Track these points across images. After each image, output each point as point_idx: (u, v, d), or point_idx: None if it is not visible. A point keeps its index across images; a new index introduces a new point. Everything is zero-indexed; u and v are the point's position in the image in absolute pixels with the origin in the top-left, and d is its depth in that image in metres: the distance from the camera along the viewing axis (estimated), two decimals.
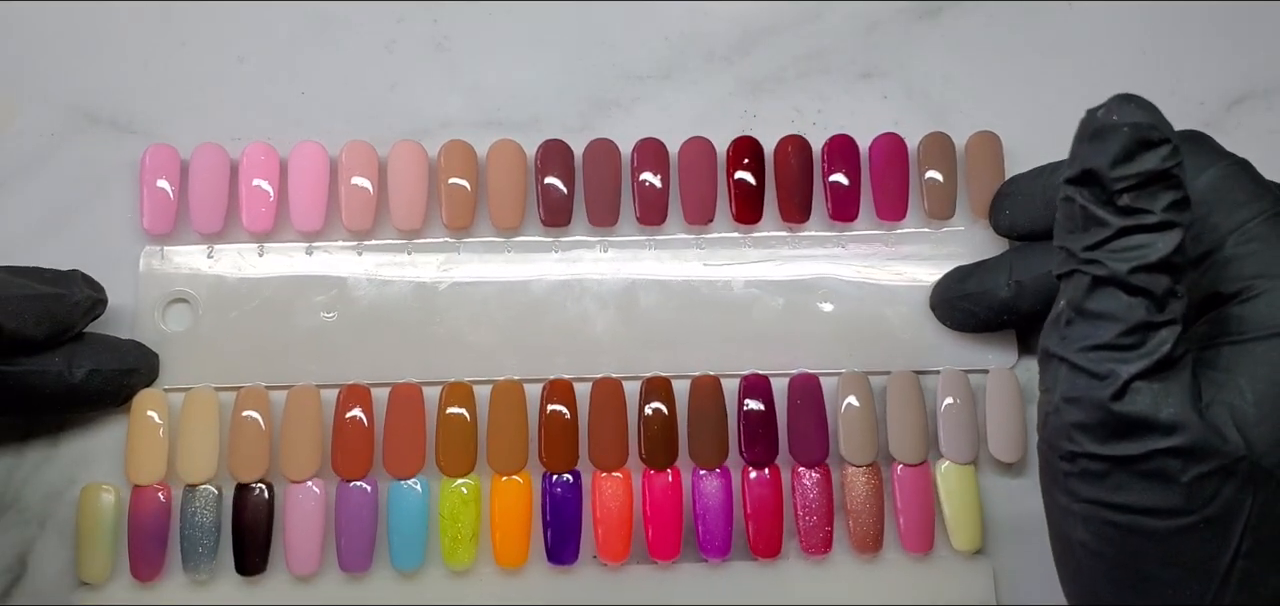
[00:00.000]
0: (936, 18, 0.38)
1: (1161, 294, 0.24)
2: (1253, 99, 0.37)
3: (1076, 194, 0.24)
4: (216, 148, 0.35)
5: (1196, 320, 0.27)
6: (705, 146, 0.36)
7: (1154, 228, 0.24)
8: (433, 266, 0.35)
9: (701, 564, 0.33)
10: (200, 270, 0.35)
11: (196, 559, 0.32)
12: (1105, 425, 0.24)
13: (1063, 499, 0.26)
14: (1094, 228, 0.24)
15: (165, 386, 0.34)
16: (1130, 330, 0.24)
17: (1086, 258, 0.24)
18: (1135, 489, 0.24)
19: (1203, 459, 0.24)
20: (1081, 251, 0.24)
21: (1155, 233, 0.24)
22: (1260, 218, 0.26)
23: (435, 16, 0.38)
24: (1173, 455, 0.24)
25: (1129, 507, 0.24)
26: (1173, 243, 0.24)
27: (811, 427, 0.34)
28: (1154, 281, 0.24)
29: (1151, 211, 0.24)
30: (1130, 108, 0.24)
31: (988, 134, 0.36)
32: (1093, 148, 0.24)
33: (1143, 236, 0.24)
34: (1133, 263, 0.24)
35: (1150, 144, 0.24)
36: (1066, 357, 0.25)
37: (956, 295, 0.34)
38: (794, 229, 0.36)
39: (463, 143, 0.35)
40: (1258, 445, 0.24)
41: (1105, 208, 0.24)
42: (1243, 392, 0.24)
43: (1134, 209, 0.24)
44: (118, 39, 0.37)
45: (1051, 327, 0.26)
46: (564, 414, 0.33)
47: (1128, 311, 0.24)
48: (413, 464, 0.33)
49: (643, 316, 0.35)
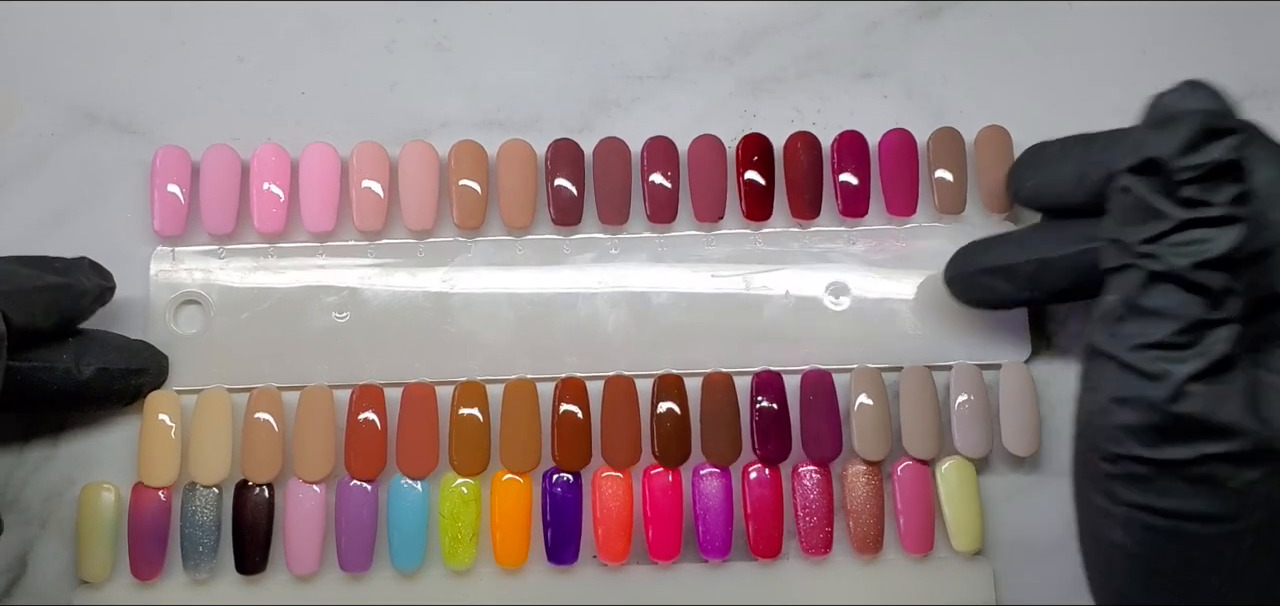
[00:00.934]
0: (936, 18, 0.38)
1: (1220, 291, 0.23)
2: (1253, 99, 0.37)
3: (1136, 184, 0.23)
4: (227, 149, 0.35)
5: (1250, 320, 0.25)
6: (714, 144, 0.36)
7: (1216, 221, 0.23)
8: (444, 266, 0.35)
9: (701, 564, 0.33)
10: (211, 271, 0.35)
11: (196, 558, 0.32)
12: (1156, 427, 0.23)
13: (1101, 501, 0.25)
14: (1153, 220, 0.23)
15: (177, 388, 0.34)
16: (1186, 328, 0.23)
17: (1143, 251, 0.23)
18: (1183, 494, 0.23)
19: (1256, 464, 0.23)
20: (1138, 245, 0.23)
21: (1217, 227, 0.23)
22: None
23: (435, 16, 0.38)
24: (1226, 460, 0.23)
25: (1175, 513, 0.23)
26: (1235, 238, 0.23)
27: (824, 424, 0.34)
28: (1213, 278, 0.23)
29: (1214, 204, 0.23)
30: (1200, 94, 0.23)
31: (997, 128, 0.36)
32: (1159, 136, 0.23)
33: (1204, 230, 0.23)
34: (1194, 257, 0.23)
35: (1217, 133, 0.23)
36: (1116, 356, 0.24)
37: (976, 268, 0.32)
38: (804, 225, 0.36)
39: (473, 143, 0.35)
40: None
41: (1167, 199, 0.23)
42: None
43: (1197, 201, 0.23)
44: (118, 39, 0.37)
45: (1100, 324, 0.24)
46: (577, 414, 0.33)
47: (1184, 308, 0.23)
48: (426, 464, 0.33)
49: (654, 314, 0.35)
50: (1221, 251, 0.23)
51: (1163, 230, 0.23)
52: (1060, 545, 0.34)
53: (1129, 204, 0.24)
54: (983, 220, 0.36)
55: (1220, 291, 0.23)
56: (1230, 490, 0.23)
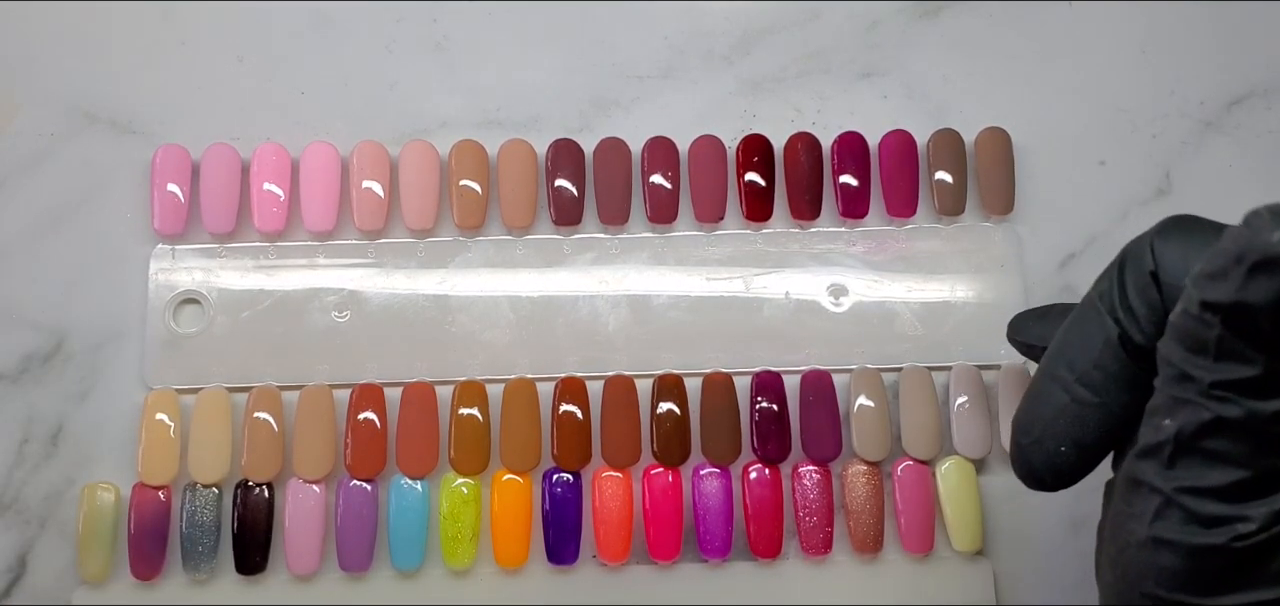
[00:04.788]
0: (936, 17, 0.38)
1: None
2: (1253, 99, 0.37)
3: (1216, 322, 0.20)
4: (228, 148, 0.35)
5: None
6: (715, 145, 0.36)
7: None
8: (445, 266, 0.35)
9: (701, 564, 0.33)
10: (212, 271, 0.35)
11: (196, 558, 0.32)
12: (1206, 574, 0.21)
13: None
14: (1231, 363, 0.20)
15: (177, 387, 0.34)
16: (1255, 479, 0.20)
17: (1218, 395, 0.20)
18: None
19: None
20: (1209, 384, 0.20)
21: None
22: None
23: (435, 16, 0.38)
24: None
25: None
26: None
27: (824, 424, 0.34)
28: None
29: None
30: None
31: (997, 130, 0.36)
32: (1253, 282, 0.19)
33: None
34: (1276, 408, 0.20)
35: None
36: (1167, 494, 0.21)
37: (1019, 340, 0.30)
38: (804, 226, 0.36)
39: (474, 143, 0.35)
40: None
41: (1253, 343, 0.20)
42: None
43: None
44: (118, 39, 0.37)
45: (1149, 456, 0.22)
46: (577, 414, 0.33)
47: (1253, 458, 0.20)
48: (426, 463, 0.33)
49: (654, 315, 0.35)
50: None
51: (1244, 377, 0.20)
52: (1060, 545, 0.34)
53: (1204, 337, 0.20)
54: (982, 222, 0.36)
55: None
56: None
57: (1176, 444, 0.21)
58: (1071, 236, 0.36)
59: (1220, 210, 0.36)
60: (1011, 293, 0.35)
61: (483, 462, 0.33)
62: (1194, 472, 0.21)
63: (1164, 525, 0.21)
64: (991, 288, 0.35)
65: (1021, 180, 0.36)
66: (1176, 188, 0.37)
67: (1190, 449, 0.21)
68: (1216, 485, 0.21)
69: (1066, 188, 0.36)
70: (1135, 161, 0.37)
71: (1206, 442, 0.21)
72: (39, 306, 0.35)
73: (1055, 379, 0.25)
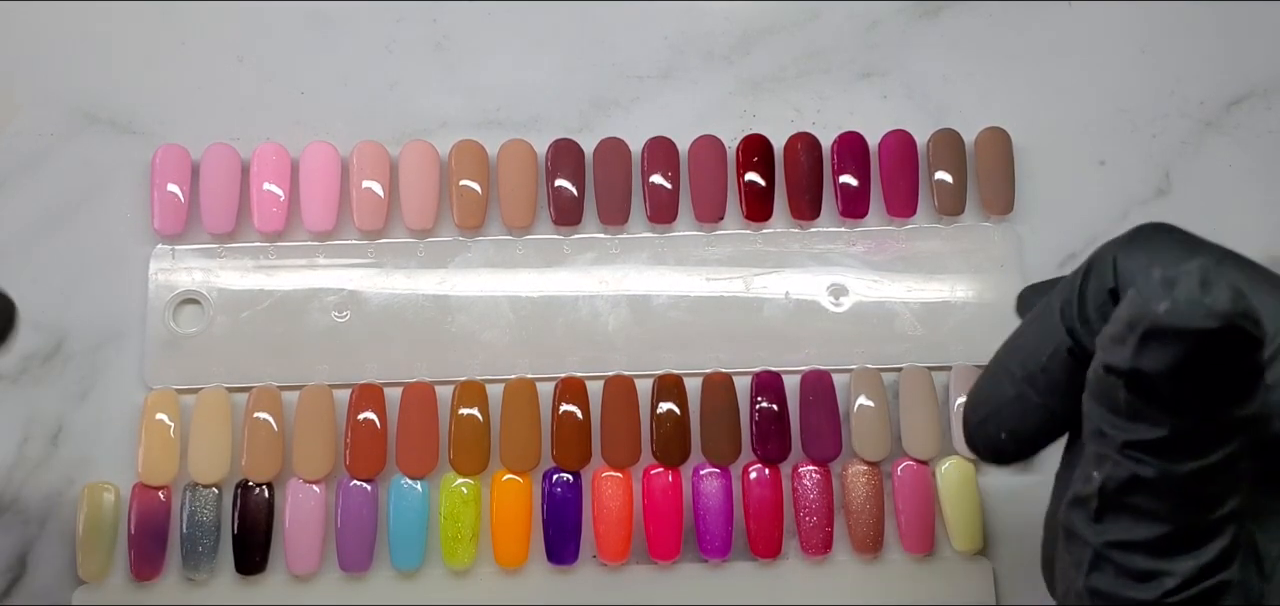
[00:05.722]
0: (936, 17, 0.38)
1: (1219, 492, 0.20)
2: (1253, 99, 0.37)
3: (1119, 388, 0.19)
4: (228, 148, 0.35)
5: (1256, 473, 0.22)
6: (714, 145, 0.36)
7: (1222, 428, 0.19)
8: (444, 266, 0.35)
9: (701, 564, 0.33)
10: (211, 271, 0.35)
11: (196, 558, 0.32)
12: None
13: None
14: (1141, 424, 0.19)
15: (177, 387, 0.34)
16: (1181, 534, 0.20)
17: (1131, 455, 0.20)
18: None
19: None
20: (1122, 445, 0.20)
21: (1221, 430, 0.19)
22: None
23: (435, 16, 0.38)
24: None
25: None
26: (1239, 443, 0.19)
27: (824, 424, 0.34)
28: (1214, 482, 0.19)
29: (1218, 414, 0.19)
30: (1210, 292, 0.18)
31: (997, 130, 0.36)
32: (1146, 351, 0.19)
33: (1205, 435, 0.19)
34: (1191, 467, 0.19)
35: (1241, 339, 0.18)
36: (1097, 548, 0.21)
37: None
38: (804, 226, 0.36)
39: (474, 143, 0.35)
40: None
41: (1158, 406, 0.19)
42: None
43: (1198, 412, 0.19)
44: (118, 39, 0.37)
45: (1080, 507, 0.21)
46: (577, 414, 0.33)
47: (1176, 513, 0.20)
48: (426, 463, 0.33)
49: (654, 315, 0.35)
50: (1226, 454, 0.19)
51: (1155, 438, 0.19)
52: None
53: (1115, 398, 0.20)
54: (981, 222, 0.36)
55: (1220, 490, 0.20)
56: None
57: (1102, 499, 0.20)
58: (1071, 236, 0.36)
59: (1220, 210, 0.37)
60: (1011, 293, 0.35)
61: (483, 463, 0.33)
62: (1122, 526, 0.20)
63: (1099, 577, 0.21)
64: (991, 288, 0.35)
65: (1021, 180, 0.36)
66: (1176, 188, 0.37)
67: (1115, 504, 0.20)
68: (1143, 540, 0.20)
69: (1066, 188, 0.36)
70: (1135, 161, 0.37)
71: (1129, 498, 0.20)
72: (39, 306, 0.34)
73: (1006, 371, 0.25)
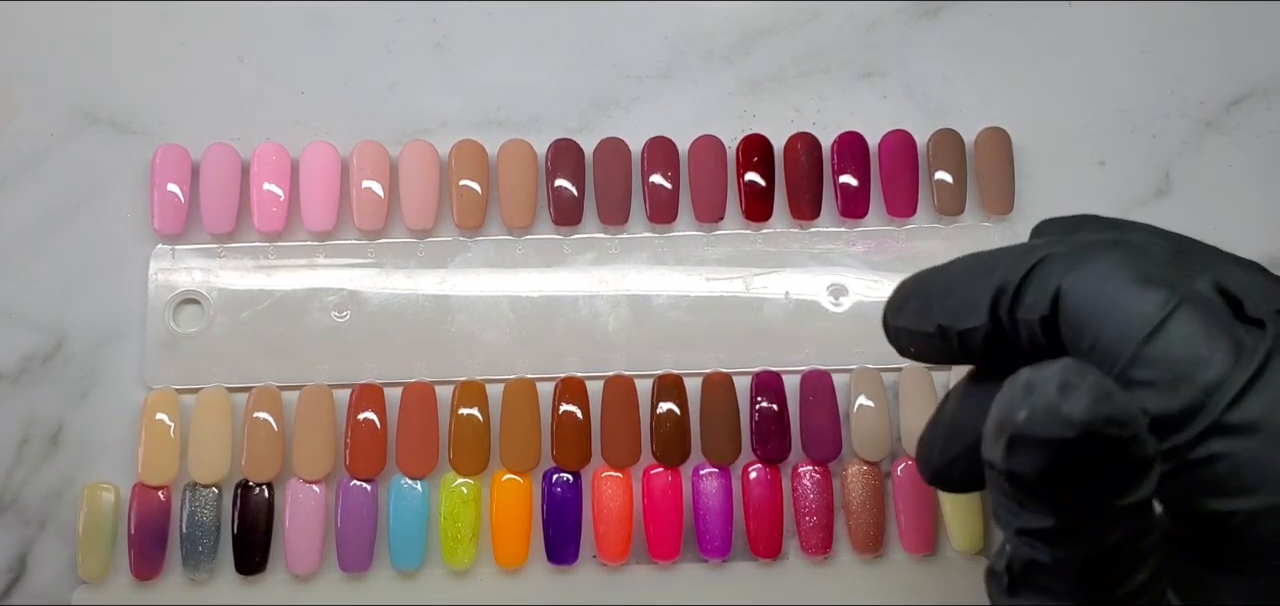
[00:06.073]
0: (936, 17, 0.38)
1: (1125, 569, 0.20)
2: (1253, 99, 0.37)
3: (1002, 480, 0.19)
4: (228, 147, 0.35)
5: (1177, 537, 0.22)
6: (714, 144, 0.36)
7: (1113, 512, 0.19)
8: (444, 266, 0.35)
9: (701, 564, 0.33)
10: (211, 271, 0.35)
11: (196, 558, 0.32)
12: None
13: None
14: (1030, 514, 0.19)
15: (177, 387, 0.34)
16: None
17: (1026, 542, 0.20)
18: None
19: None
20: (1017, 531, 0.20)
21: (1111, 518, 0.19)
22: None
23: (435, 16, 0.38)
24: None
25: None
26: (1136, 525, 0.19)
27: (824, 424, 0.34)
28: (1116, 562, 0.19)
29: (1101, 507, 0.19)
30: (1068, 399, 0.18)
31: (997, 130, 0.36)
32: (1013, 455, 0.19)
33: (1094, 525, 0.19)
34: (1086, 552, 0.19)
35: (1098, 450, 0.18)
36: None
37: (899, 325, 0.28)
38: (804, 226, 0.36)
39: (474, 143, 0.35)
40: None
41: (1041, 501, 0.19)
42: None
43: (1077, 509, 0.19)
44: (118, 39, 0.37)
45: (996, 579, 0.21)
46: (577, 414, 0.33)
47: (1079, 592, 0.20)
48: (426, 463, 0.33)
49: (654, 315, 0.35)
50: (1120, 539, 0.19)
51: (1044, 527, 0.19)
52: None
53: (1002, 485, 0.20)
54: (981, 222, 0.36)
55: (1124, 570, 0.20)
56: None
57: (1011, 575, 0.21)
58: None
59: (1220, 210, 0.37)
60: None
61: (482, 463, 0.33)
62: (1033, 601, 0.20)
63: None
64: None
65: (1021, 180, 0.36)
66: (1176, 188, 0.37)
67: (1024, 581, 0.20)
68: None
69: (1066, 188, 0.36)
70: (1135, 161, 0.37)
71: (1034, 577, 0.20)
72: (39, 306, 0.35)
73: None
